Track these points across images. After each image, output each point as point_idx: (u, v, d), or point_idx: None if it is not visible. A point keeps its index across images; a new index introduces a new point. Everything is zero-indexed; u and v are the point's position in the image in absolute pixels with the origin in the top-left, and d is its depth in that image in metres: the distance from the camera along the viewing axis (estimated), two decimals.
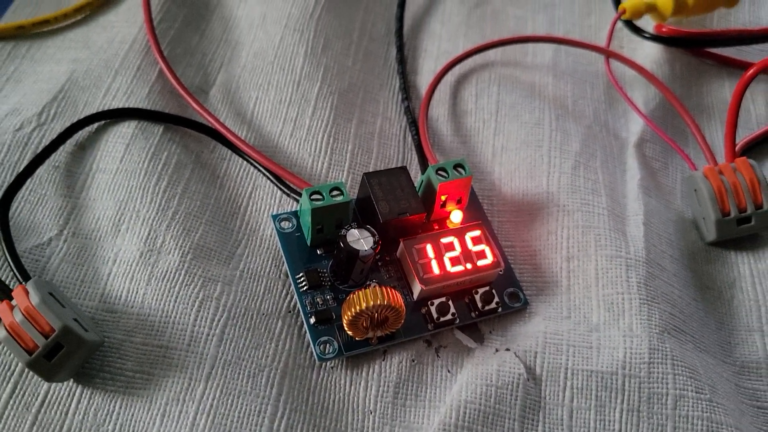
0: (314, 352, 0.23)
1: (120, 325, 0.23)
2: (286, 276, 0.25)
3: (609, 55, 0.32)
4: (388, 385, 0.23)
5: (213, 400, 0.21)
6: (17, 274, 0.22)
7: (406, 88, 0.31)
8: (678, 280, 0.26)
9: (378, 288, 0.22)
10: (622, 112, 0.32)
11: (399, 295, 0.23)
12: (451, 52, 0.33)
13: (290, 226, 0.25)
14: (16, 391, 0.22)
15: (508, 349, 0.24)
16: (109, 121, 0.27)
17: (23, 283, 0.22)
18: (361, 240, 0.23)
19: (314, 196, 0.23)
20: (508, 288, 0.25)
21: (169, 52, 0.31)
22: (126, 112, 0.27)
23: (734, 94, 0.29)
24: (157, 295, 0.23)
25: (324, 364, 0.23)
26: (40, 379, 0.22)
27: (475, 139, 0.30)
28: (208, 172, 0.27)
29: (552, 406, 0.23)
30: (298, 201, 0.26)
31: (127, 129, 0.27)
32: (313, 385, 0.23)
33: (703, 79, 0.34)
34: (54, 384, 0.22)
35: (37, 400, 0.22)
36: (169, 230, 0.25)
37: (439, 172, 0.25)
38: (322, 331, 0.23)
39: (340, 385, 0.23)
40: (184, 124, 0.28)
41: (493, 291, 0.25)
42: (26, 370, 0.22)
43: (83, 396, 0.22)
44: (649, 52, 0.34)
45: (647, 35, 0.33)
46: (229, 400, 0.22)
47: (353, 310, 0.22)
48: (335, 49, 0.32)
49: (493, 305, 0.25)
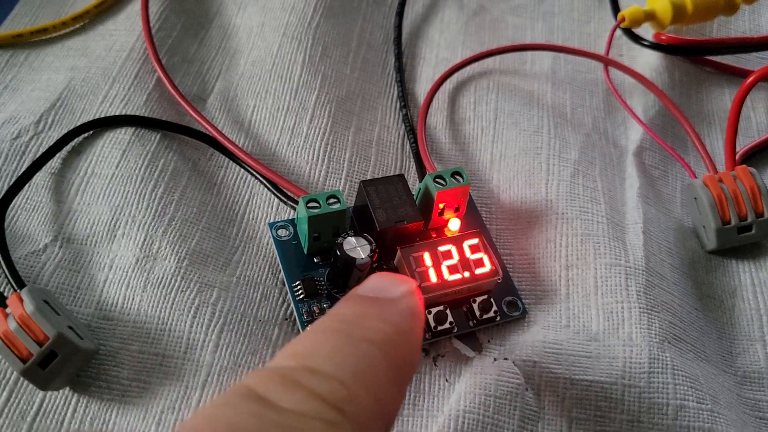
0: None
1: (116, 333, 0.22)
2: (283, 284, 0.25)
3: (608, 63, 0.32)
4: None
5: None
6: (12, 281, 0.22)
7: (405, 96, 0.31)
8: (678, 289, 0.26)
9: None
10: (621, 120, 0.32)
11: None
12: (449, 60, 0.33)
13: (287, 234, 0.25)
14: (11, 400, 0.21)
15: (507, 359, 0.23)
16: (105, 127, 0.27)
17: (18, 291, 0.22)
18: (358, 248, 0.23)
19: (311, 204, 0.23)
20: (507, 296, 0.25)
21: (167, 60, 0.31)
22: (123, 119, 0.27)
23: (734, 102, 0.29)
24: (153, 301, 0.23)
25: None
26: (35, 388, 0.22)
27: (474, 146, 0.30)
28: (205, 180, 0.27)
29: (551, 417, 0.22)
30: (295, 209, 0.26)
31: (124, 135, 0.27)
32: None
33: (702, 86, 0.34)
34: (49, 392, 0.22)
35: (32, 408, 0.21)
36: (165, 236, 0.24)
37: (437, 180, 0.25)
38: None
39: None
40: (182, 132, 0.28)
41: (492, 299, 0.24)
42: (21, 379, 0.22)
43: (79, 404, 0.22)
44: (649, 60, 0.34)
45: (646, 43, 0.33)
46: None
47: None
48: (333, 57, 0.32)
49: (492, 314, 0.24)
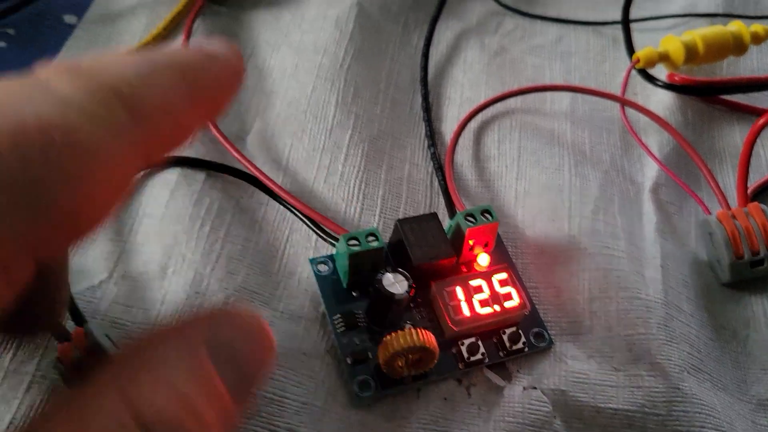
0: (352, 390, 0.24)
1: None
2: (324, 317, 0.26)
3: (624, 103, 0.34)
4: (422, 422, 0.24)
5: None
6: (74, 317, 0.24)
7: (432, 135, 0.33)
8: (695, 321, 0.28)
9: (412, 330, 0.24)
10: (638, 157, 0.34)
11: (432, 336, 0.24)
12: (473, 99, 0.35)
13: (327, 269, 0.27)
14: None
15: (535, 388, 0.25)
16: (154, 169, 0.29)
17: (81, 325, 0.23)
18: (396, 284, 0.24)
19: (351, 242, 0.25)
20: (534, 328, 0.27)
21: None
22: (170, 161, 0.29)
23: (745, 143, 0.31)
24: None
25: (361, 401, 0.24)
26: None
27: (499, 183, 0.32)
28: (247, 217, 0.29)
29: None
30: (333, 245, 0.27)
31: (171, 176, 0.29)
32: (352, 421, 0.24)
33: (714, 124, 0.36)
34: None
35: None
36: (213, 273, 0.26)
37: (468, 218, 0.26)
38: (359, 370, 0.25)
39: (378, 422, 0.24)
40: (225, 171, 0.29)
41: (520, 331, 0.26)
42: None
43: None
44: (662, 99, 0.36)
45: (660, 83, 0.35)
46: None
47: (389, 350, 0.23)
48: (364, 97, 0.33)
49: (520, 345, 0.26)
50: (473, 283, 0.26)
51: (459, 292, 0.26)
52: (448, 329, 0.25)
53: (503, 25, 0.39)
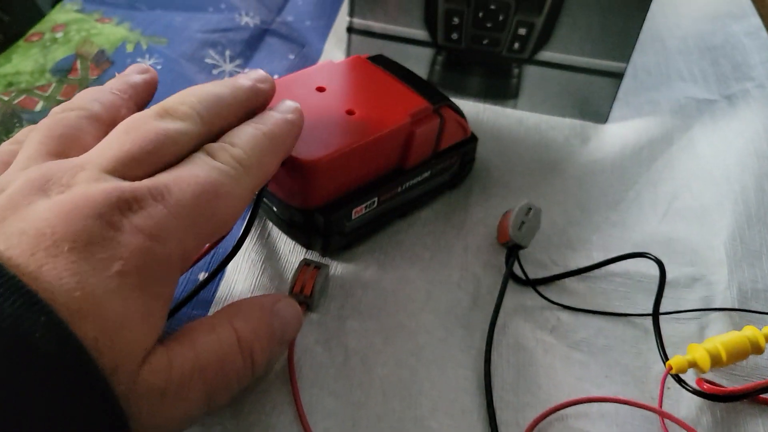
0: None
1: None
2: None
3: (662, 415, 0.40)
4: None
5: None
6: None
7: None
8: None
9: None
10: None
11: None
12: (529, 404, 0.41)
13: None
14: None
15: None
16: None
17: None
18: None
19: None
20: None
21: (310, 419, 0.38)
22: None
23: None
24: None
25: None
26: None
27: None
28: None
29: None
30: None
31: None
32: None
33: (740, 419, 0.41)
34: None
35: None
36: None
37: None
38: None
39: None
40: None
41: None
42: None
43: None
44: (693, 398, 0.42)
45: (690, 389, 0.41)
46: None
47: None
48: (439, 410, 0.39)
49: None
50: None
51: None
52: None
53: (549, 321, 0.46)
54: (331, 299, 0.45)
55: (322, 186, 0.44)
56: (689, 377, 0.42)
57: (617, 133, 0.61)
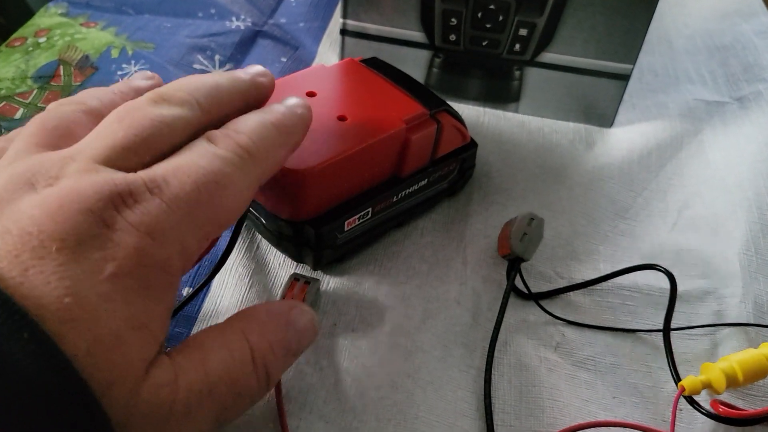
0: None
1: None
2: None
3: None
4: None
5: None
6: None
7: None
8: None
9: None
10: None
11: None
12: (533, 428, 0.38)
13: None
14: None
15: None
16: None
17: None
18: None
19: None
20: None
21: None
22: None
23: None
24: None
25: None
26: None
27: None
28: None
29: None
30: None
31: None
32: None
33: None
34: None
35: None
36: None
37: None
38: None
39: None
40: None
41: None
42: None
43: None
44: (708, 420, 0.39)
45: (704, 412, 0.38)
46: None
47: None
48: None
49: None
50: None
51: None
52: None
53: (554, 337, 0.43)
54: (322, 316, 0.43)
55: (313, 197, 0.42)
56: (703, 398, 0.40)
57: (624, 138, 0.59)
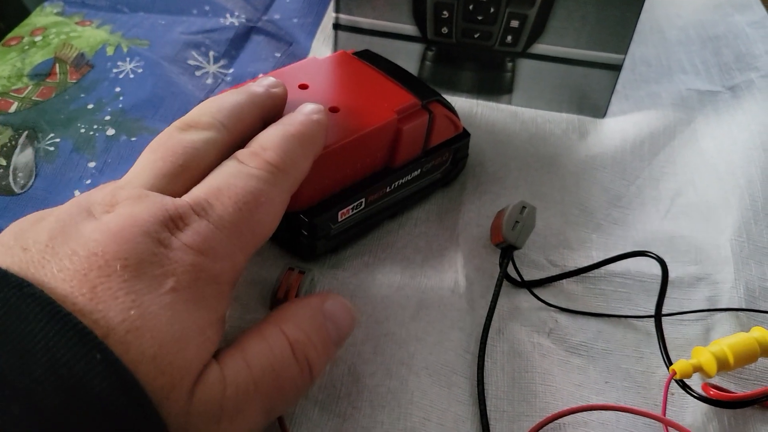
0: None
1: None
2: None
3: (666, 423, 0.37)
4: None
5: None
6: None
7: None
8: None
9: None
10: None
11: None
12: (525, 413, 0.39)
13: None
14: None
15: None
16: None
17: None
18: None
19: None
20: None
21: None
22: None
23: None
24: None
25: None
26: None
27: None
28: None
29: None
30: None
31: None
32: None
33: (749, 426, 0.39)
34: None
35: None
36: None
37: None
38: None
39: None
40: None
41: None
42: None
43: None
44: (699, 404, 0.39)
45: (695, 395, 0.39)
46: None
47: None
48: (432, 420, 0.37)
49: None
50: None
51: None
52: None
53: (547, 323, 0.44)
54: None
55: (306, 187, 0.42)
56: (694, 382, 0.40)
57: (617, 128, 0.59)
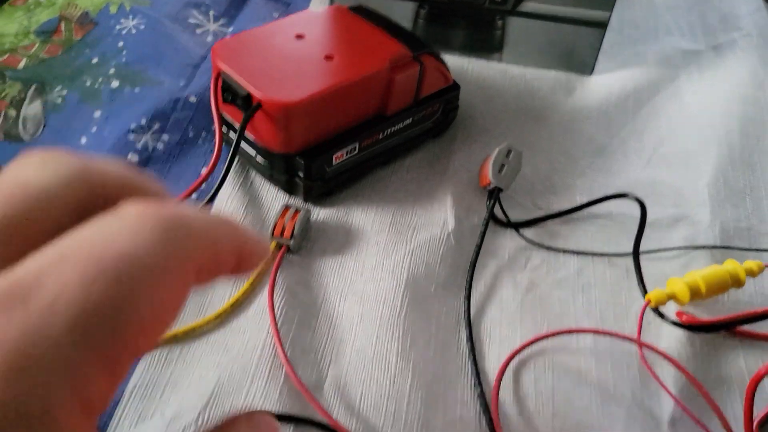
0: None
1: None
2: None
3: (640, 345, 0.40)
4: None
5: None
6: None
7: (477, 374, 0.39)
8: None
9: None
10: (655, 390, 0.39)
11: None
12: (510, 337, 0.41)
13: None
14: None
15: None
16: None
17: None
18: None
19: None
20: None
21: (291, 353, 0.39)
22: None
23: (748, 388, 0.36)
24: None
25: None
26: None
27: (537, 420, 0.37)
28: None
29: None
30: None
31: None
32: None
33: (720, 351, 0.41)
34: None
35: None
36: None
37: None
38: None
39: None
40: (309, 423, 0.35)
41: None
42: None
43: None
44: (673, 331, 0.42)
45: (669, 321, 0.41)
46: None
47: None
48: (419, 344, 0.40)
49: None
50: None
51: None
52: None
53: (531, 260, 0.46)
54: (312, 243, 0.45)
55: (301, 128, 0.44)
56: (670, 312, 0.43)
57: (603, 84, 0.61)
